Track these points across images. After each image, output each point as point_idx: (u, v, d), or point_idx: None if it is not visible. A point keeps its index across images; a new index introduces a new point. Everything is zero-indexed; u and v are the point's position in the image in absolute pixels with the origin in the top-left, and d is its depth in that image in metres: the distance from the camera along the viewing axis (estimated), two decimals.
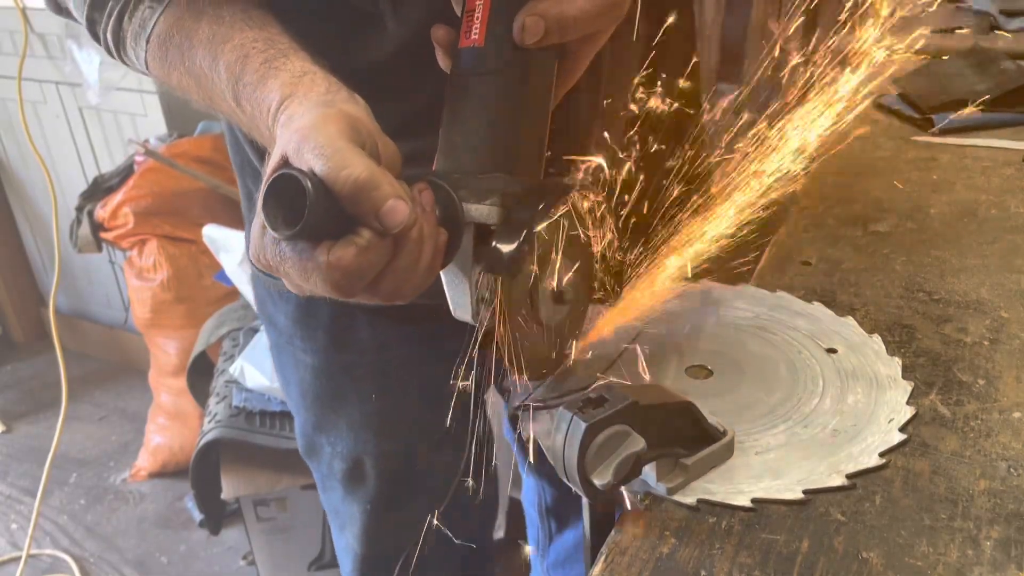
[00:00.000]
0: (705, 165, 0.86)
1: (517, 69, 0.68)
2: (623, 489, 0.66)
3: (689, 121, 0.87)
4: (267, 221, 0.57)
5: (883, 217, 1.12)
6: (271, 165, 0.59)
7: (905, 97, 1.49)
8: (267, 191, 0.56)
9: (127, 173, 2.59)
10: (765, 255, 1.03)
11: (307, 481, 1.92)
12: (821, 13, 0.93)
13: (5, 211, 3.32)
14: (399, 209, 0.57)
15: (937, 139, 1.37)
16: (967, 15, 1.95)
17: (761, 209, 0.84)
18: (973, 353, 0.82)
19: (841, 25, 0.88)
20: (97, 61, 2.52)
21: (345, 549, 1.20)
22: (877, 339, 0.84)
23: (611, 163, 0.76)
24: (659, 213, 0.82)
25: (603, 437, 0.62)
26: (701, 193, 0.83)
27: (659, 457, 0.66)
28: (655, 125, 0.83)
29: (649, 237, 0.82)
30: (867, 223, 1.11)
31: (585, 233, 0.68)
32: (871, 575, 0.59)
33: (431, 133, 0.70)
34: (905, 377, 0.78)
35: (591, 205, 0.68)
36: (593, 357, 0.80)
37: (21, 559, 2.43)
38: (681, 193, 0.83)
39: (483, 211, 0.64)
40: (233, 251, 2.15)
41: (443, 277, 0.68)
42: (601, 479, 0.62)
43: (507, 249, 0.62)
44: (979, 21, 1.90)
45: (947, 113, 1.39)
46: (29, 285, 3.48)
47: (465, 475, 0.80)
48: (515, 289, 0.65)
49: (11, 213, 3.33)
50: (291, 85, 0.65)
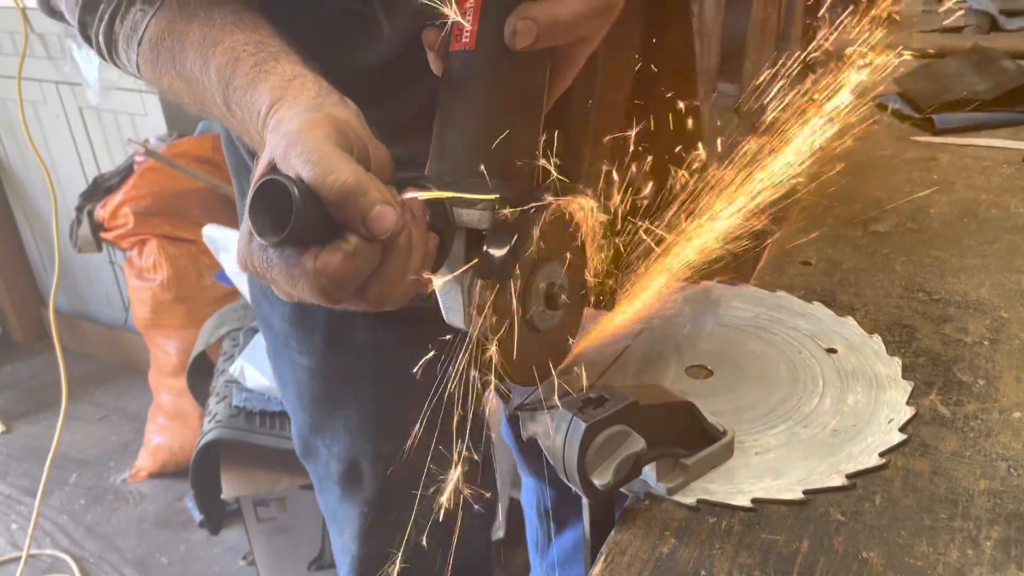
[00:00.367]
0: (704, 165, 0.85)
1: (509, 73, 0.67)
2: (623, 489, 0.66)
3: (688, 122, 0.87)
4: (254, 227, 0.56)
5: (883, 217, 1.12)
6: (258, 171, 0.59)
7: (905, 97, 1.49)
8: (254, 197, 0.56)
9: (127, 173, 2.59)
10: (765, 255, 1.03)
11: (307, 481, 1.91)
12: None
13: (5, 211, 3.32)
14: (386, 215, 0.56)
15: (937, 139, 1.37)
16: (967, 15, 1.95)
17: (760, 214, 0.84)
18: (973, 353, 0.82)
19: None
20: (97, 61, 2.52)
21: (342, 550, 1.20)
22: (877, 339, 0.84)
23: (606, 167, 0.76)
24: (658, 213, 0.82)
25: (603, 437, 0.62)
26: (700, 193, 0.83)
27: (659, 457, 0.66)
28: (654, 128, 0.83)
29: (648, 237, 0.82)
30: (867, 223, 1.11)
31: (579, 237, 0.68)
32: (871, 575, 0.59)
33: (424, 137, 0.69)
34: (905, 377, 0.78)
35: (584, 209, 0.67)
36: (593, 358, 0.80)
37: (21, 559, 2.43)
38: (680, 195, 0.83)
39: (474, 216, 0.63)
40: (233, 251, 2.15)
41: (435, 282, 0.68)
42: (601, 479, 0.62)
43: (498, 254, 0.61)
44: (979, 21, 1.90)
45: (947, 113, 1.39)
46: (29, 285, 3.48)
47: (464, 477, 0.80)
48: (507, 294, 0.64)
49: (11, 213, 3.33)
50: (281, 89, 0.65)
